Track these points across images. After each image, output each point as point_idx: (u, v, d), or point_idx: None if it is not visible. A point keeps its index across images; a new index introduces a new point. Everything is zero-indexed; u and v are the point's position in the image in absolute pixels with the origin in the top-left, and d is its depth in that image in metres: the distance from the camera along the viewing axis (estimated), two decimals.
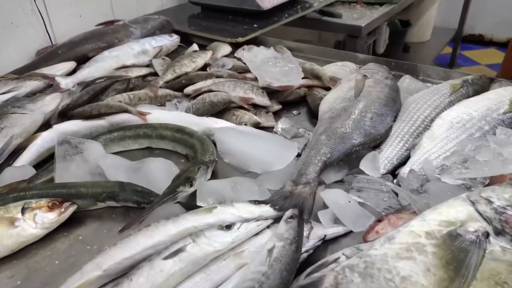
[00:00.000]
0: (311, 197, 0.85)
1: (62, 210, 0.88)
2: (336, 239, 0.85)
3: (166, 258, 0.71)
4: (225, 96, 1.23)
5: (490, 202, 0.72)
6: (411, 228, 0.71)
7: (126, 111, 1.24)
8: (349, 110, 1.08)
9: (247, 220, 0.80)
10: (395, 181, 0.94)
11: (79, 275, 0.72)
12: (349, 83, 1.19)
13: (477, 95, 1.12)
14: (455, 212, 0.72)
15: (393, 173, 0.98)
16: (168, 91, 1.36)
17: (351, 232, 0.85)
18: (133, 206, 0.95)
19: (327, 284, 0.68)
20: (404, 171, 0.95)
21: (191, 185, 0.95)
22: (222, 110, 1.25)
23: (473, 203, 0.73)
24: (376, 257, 0.68)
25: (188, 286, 0.71)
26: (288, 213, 0.80)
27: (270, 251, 0.72)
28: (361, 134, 1.02)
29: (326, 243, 0.83)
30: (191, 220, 0.79)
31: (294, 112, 1.31)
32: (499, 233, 0.66)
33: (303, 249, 0.77)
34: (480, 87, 1.18)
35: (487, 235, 0.66)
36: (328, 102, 1.16)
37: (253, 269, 0.69)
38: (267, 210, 0.83)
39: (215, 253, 0.74)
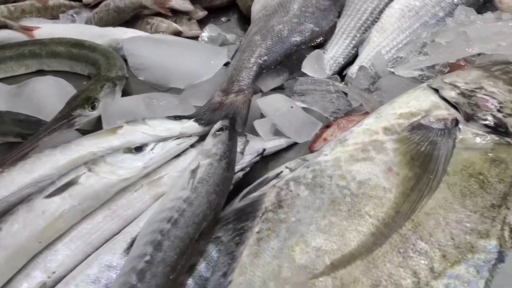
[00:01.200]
0: (245, 105, 0.69)
1: None
2: (278, 153, 0.70)
3: (50, 195, 0.52)
4: None
5: (456, 86, 0.60)
6: (365, 126, 0.58)
7: (5, 26, 0.96)
8: (287, 6, 0.89)
9: (164, 140, 0.62)
10: (343, 83, 0.80)
11: None
12: None
13: None
14: (416, 102, 0.59)
15: (340, 74, 0.83)
16: (62, 0, 1.07)
17: (295, 144, 0.71)
18: (16, 141, 0.73)
19: (267, 204, 0.53)
20: (352, 70, 0.80)
21: (93, 107, 0.74)
22: (133, 18, 1.00)
23: (436, 90, 0.60)
24: (326, 164, 0.54)
25: (86, 229, 0.53)
26: (217, 125, 0.63)
27: (193, 171, 0.55)
28: (302, 31, 0.85)
29: (266, 159, 0.69)
30: (87, 145, 0.60)
31: (223, 18, 1.09)
32: (470, 118, 0.54)
33: (238, 167, 0.62)
34: None
35: (456, 122, 0.54)
36: (262, 0, 0.96)
37: (173, 196, 0.53)
38: (191, 126, 0.66)
39: (122, 183, 0.56)
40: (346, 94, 0.74)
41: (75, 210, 0.53)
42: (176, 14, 1.03)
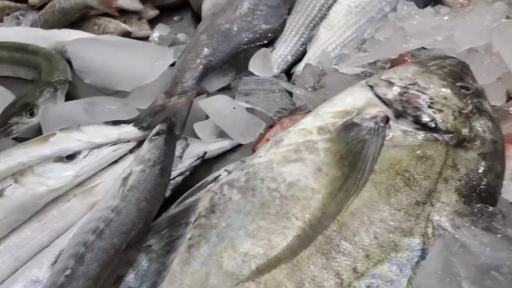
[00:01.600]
0: (186, 108, 0.68)
1: None
2: (222, 155, 0.69)
3: None
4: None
5: (390, 83, 0.59)
6: (301, 126, 0.57)
7: None
8: (235, 3, 0.88)
9: (99, 147, 0.60)
10: (290, 81, 0.80)
11: None
12: None
13: None
14: (351, 100, 0.59)
15: (289, 72, 0.83)
16: (6, 2, 1.03)
17: (240, 145, 0.70)
18: None
19: (201, 209, 0.53)
20: (299, 68, 0.80)
21: (31, 114, 0.71)
22: (80, 19, 0.97)
23: (372, 87, 0.60)
24: (260, 166, 0.54)
25: (14, 242, 0.52)
26: (154, 130, 0.62)
27: (125, 179, 0.54)
28: (250, 30, 0.84)
29: (210, 162, 0.68)
30: (16, 155, 0.58)
31: (176, 17, 1.07)
32: (400, 115, 0.54)
33: (176, 172, 0.61)
34: None
35: (387, 120, 0.54)
36: None
37: (102, 206, 0.51)
38: (130, 131, 0.64)
39: (51, 194, 0.55)
40: (291, 93, 0.74)
41: (1, 224, 0.51)
42: (126, 14, 1.00)
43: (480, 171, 0.50)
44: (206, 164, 0.67)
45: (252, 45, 0.84)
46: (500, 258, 0.41)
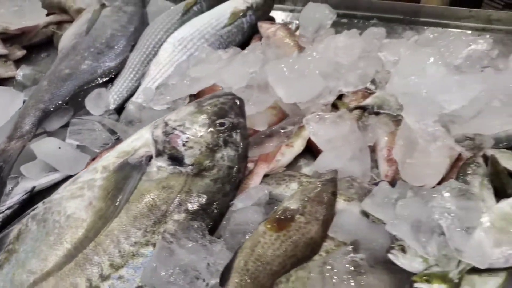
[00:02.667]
0: (16, 152, 0.83)
1: None
2: None
3: None
4: None
5: (167, 124, 0.77)
6: (96, 164, 0.75)
7: None
8: (77, 48, 1.03)
9: None
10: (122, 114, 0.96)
11: None
12: (87, 15, 1.12)
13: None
14: (136, 139, 0.77)
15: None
16: None
17: None
18: None
19: (11, 238, 0.70)
20: (128, 103, 0.97)
21: None
22: None
23: (155, 127, 0.78)
24: (55, 201, 0.71)
25: None
26: None
27: None
28: (88, 72, 1.00)
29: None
30: None
31: (43, 54, 1.21)
32: (160, 154, 0.73)
33: (5, 206, 0.78)
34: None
35: (150, 158, 0.73)
36: (63, 40, 1.09)
37: None
38: None
39: None
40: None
41: None
42: None
43: (210, 193, 0.70)
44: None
45: (93, 85, 1.00)
46: (195, 260, 0.61)
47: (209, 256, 0.62)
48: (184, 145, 0.73)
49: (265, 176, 0.80)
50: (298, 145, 0.85)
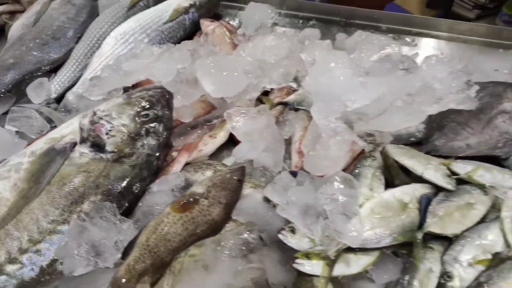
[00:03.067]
0: None
1: None
2: None
3: None
4: None
5: (94, 114, 0.83)
6: (25, 150, 0.81)
7: None
8: (23, 38, 1.08)
9: None
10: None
11: None
12: (36, 7, 1.17)
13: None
14: (65, 127, 0.83)
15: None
16: None
17: None
18: None
19: None
20: (68, 93, 1.02)
21: None
22: None
23: (83, 117, 0.84)
24: None
25: None
26: None
27: None
28: (32, 62, 1.05)
29: None
30: None
31: None
32: (84, 141, 0.79)
33: None
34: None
35: (75, 145, 0.79)
36: (12, 30, 1.14)
37: None
38: None
39: None
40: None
41: None
42: None
43: (127, 177, 0.77)
44: None
45: (35, 74, 1.05)
46: (104, 236, 0.68)
47: (117, 234, 0.69)
48: (107, 133, 0.80)
49: (187, 164, 0.88)
50: (221, 137, 0.92)
